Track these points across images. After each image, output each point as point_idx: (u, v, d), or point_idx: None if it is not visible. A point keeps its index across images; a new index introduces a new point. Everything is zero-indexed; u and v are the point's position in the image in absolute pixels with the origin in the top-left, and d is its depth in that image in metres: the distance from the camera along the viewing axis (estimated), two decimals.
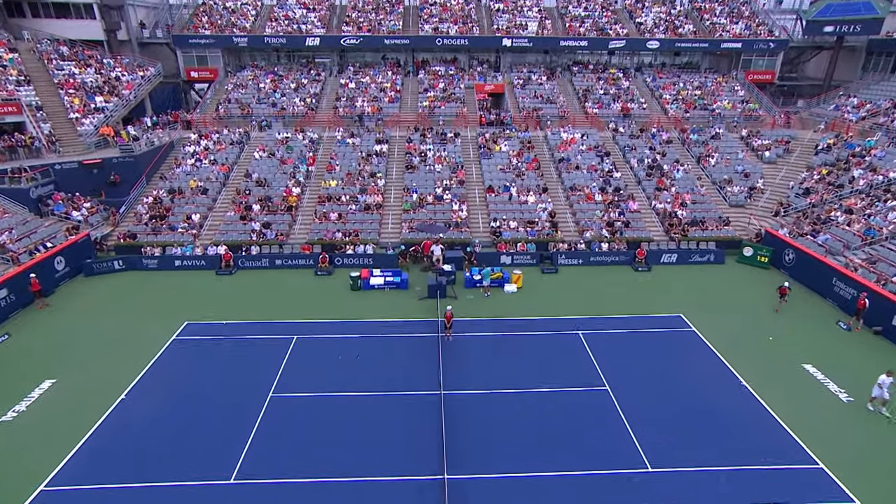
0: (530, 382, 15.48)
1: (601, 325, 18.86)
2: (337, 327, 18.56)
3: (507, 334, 18.10)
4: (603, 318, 19.38)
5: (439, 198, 28.13)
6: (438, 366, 15.97)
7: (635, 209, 28.02)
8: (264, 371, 16.11)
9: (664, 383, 15.85)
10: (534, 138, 33.83)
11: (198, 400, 14.97)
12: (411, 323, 18.91)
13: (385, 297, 21.07)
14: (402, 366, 16.24)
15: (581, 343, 17.71)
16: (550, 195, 28.89)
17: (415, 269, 23.89)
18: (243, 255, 24.23)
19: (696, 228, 26.86)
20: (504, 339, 17.79)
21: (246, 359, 16.73)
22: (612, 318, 19.37)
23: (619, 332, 18.51)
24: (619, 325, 18.93)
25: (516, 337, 17.96)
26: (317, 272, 23.52)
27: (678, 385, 15.80)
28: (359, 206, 27.45)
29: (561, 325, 18.75)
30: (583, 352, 17.20)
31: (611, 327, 18.75)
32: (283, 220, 26.72)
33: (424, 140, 32.92)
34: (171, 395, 15.20)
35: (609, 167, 30.95)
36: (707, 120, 36.65)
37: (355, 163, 30.62)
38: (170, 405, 14.72)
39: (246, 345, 17.54)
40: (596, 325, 18.86)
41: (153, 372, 16.30)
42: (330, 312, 19.64)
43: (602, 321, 19.13)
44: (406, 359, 16.57)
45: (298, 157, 31.00)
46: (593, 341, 17.76)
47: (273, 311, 19.75)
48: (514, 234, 25.95)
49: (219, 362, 16.61)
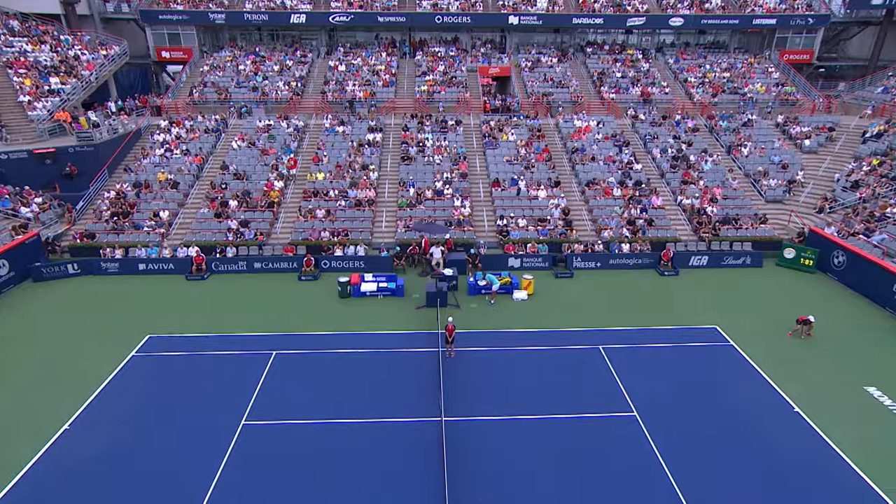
0: (545, 407, 14.91)
1: (625, 338, 18.34)
2: (322, 341, 18.10)
3: (516, 349, 17.64)
4: (626, 330, 18.89)
5: (439, 193, 27.93)
6: (439, 387, 15.42)
7: (659, 205, 27.72)
8: (237, 393, 15.48)
9: (702, 408, 15.13)
10: (544, 126, 33.69)
11: (156, 430, 14.24)
12: (407, 336, 18.47)
13: (378, 306, 20.70)
14: (397, 387, 15.72)
15: (602, 359, 17.18)
16: (563, 190, 28.62)
17: (412, 274, 23.57)
18: (217, 258, 23.87)
19: (728, 227, 26.37)
20: (513, 356, 17.33)
21: (216, 379, 16.16)
22: (636, 331, 18.86)
23: (646, 346, 17.97)
24: (645, 338, 18.39)
25: (527, 352, 17.47)
26: (301, 277, 23.14)
27: (719, 411, 15.08)
28: (349, 202, 27.20)
29: (578, 339, 18.26)
30: (605, 370, 16.66)
31: (636, 341, 18.20)
32: (264, 217, 26.44)
33: (422, 128, 32.78)
34: (124, 424, 14.43)
35: (629, 158, 30.68)
36: (737, 105, 36.34)
37: (345, 153, 30.44)
38: (123, 437, 13.95)
39: (217, 362, 17.02)
40: (619, 338, 18.33)
41: (105, 397, 15.54)
42: (315, 323, 19.22)
43: (625, 334, 18.62)
44: (401, 378, 16.07)
45: (282, 148, 30.80)
46: (616, 357, 17.21)
47: (250, 322, 19.34)
48: (523, 234, 25.72)
49: (184, 383, 16.00)
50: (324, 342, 18.01)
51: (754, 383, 16.37)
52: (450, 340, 16.80)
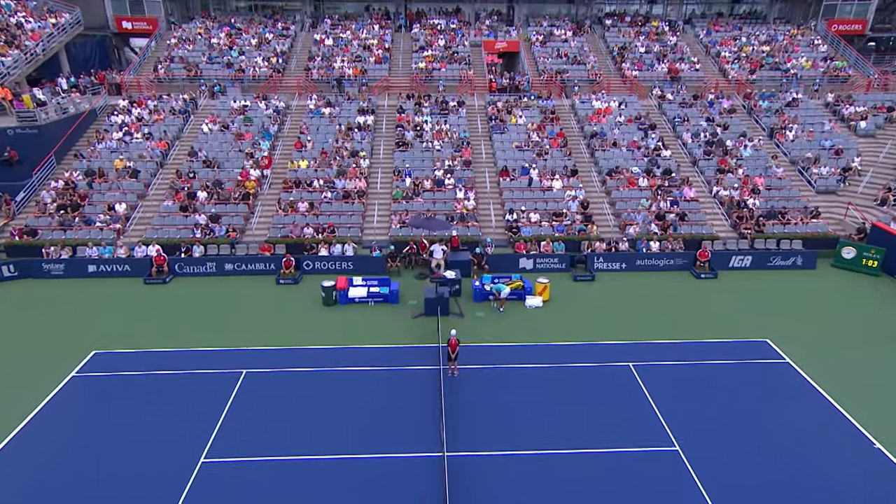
0: (567, 440, 13.89)
1: (659, 353, 17.56)
2: (302, 357, 17.33)
3: (531, 367, 16.79)
4: (660, 344, 18.10)
5: (439, 183, 27.57)
6: (440, 413, 14.44)
7: (692, 197, 27.22)
8: (197, 423, 14.39)
9: (759, 442, 13.95)
10: (558, 108, 33.56)
11: (94, 471, 12.98)
12: (402, 351, 17.71)
13: (368, 315, 20.06)
14: (391, 414, 14.75)
15: (634, 379, 16.27)
16: (581, 179, 28.34)
17: (408, 277, 23.13)
18: (182, 258, 23.34)
19: (774, 222, 25.72)
20: (527, 375, 16.41)
21: (172, 405, 15.11)
22: (672, 345, 18.07)
23: (685, 364, 17.08)
24: (683, 353, 17.58)
25: (544, 371, 16.59)
26: (279, 281, 22.67)
27: (780, 446, 13.87)
28: (335, 193, 26.89)
29: (604, 354, 17.50)
30: (637, 393, 15.70)
31: (672, 357, 17.39)
32: (237, 211, 26.04)
33: (420, 110, 32.62)
34: (54, 465, 13.21)
35: (655, 144, 30.31)
36: (779, 83, 35.98)
37: (332, 139, 30.23)
38: (50, 482, 12.71)
39: (174, 384, 16.03)
40: (651, 353, 17.56)
41: (32, 430, 14.33)
42: (294, 336, 18.53)
43: (659, 348, 17.81)
44: (396, 403, 15.15)
45: (259, 132, 30.58)
46: (650, 377, 16.31)
47: (217, 334, 18.60)
48: (535, 231, 25.22)
49: (132, 411, 14.90)
50: (304, 359, 17.29)
51: (820, 410, 15.24)
52: (452, 357, 16.09)
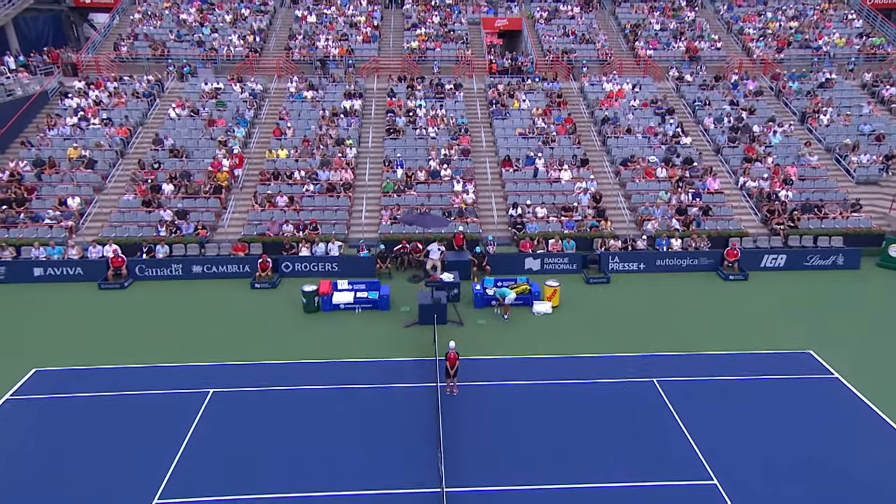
0: (584, 470, 12.97)
1: (685, 367, 16.78)
2: (279, 373, 16.46)
3: (541, 384, 16.02)
4: (688, 356, 17.35)
5: (435, 174, 27.29)
6: (437, 440, 13.56)
7: (717, 189, 26.98)
8: (152, 454, 13.37)
9: (809, 474, 12.95)
10: (565, 91, 33.62)
11: None
12: (394, 365, 16.94)
13: (355, 324, 19.46)
14: (381, 440, 13.87)
15: (660, 398, 15.41)
16: (593, 170, 28.20)
17: (400, 280, 22.51)
18: (143, 260, 22.59)
19: (809, 217, 25.23)
20: (537, 393, 15.63)
21: (125, 432, 14.08)
22: (700, 357, 17.31)
23: (716, 379, 16.23)
24: (713, 367, 16.78)
25: (556, 388, 15.81)
26: (254, 285, 22.00)
27: (836, 477, 12.85)
28: (319, 186, 26.53)
29: (624, 368, 16.70)
30: (664, 413, 14.83)
31: (701, 371, 16.57)
32: (208, 206, 25.57)
33: (413, 94, 32.61)
34: None
35: (674, 130, 30.26)
36: (810, 62, 35.80)
37: (315, 125, 30.11)
38: None
39: (128, 407, 15.01)
40: (677, 367, 16.78)
41: None
42: (270, 348, 17.79)
43: (686, 361, 17.06)
44: (386, 427, 14.29)
45: (233, 118, 30.35)
46: (678, 395, 15.47)
47: (181, 347, 17.81)
48: (542, 227, 24.86)
49: (76, 440, 13.85)
50: (281, 375, 16.39)
51: (879, 434, 14.23)
52: (451, 373, 15.28)
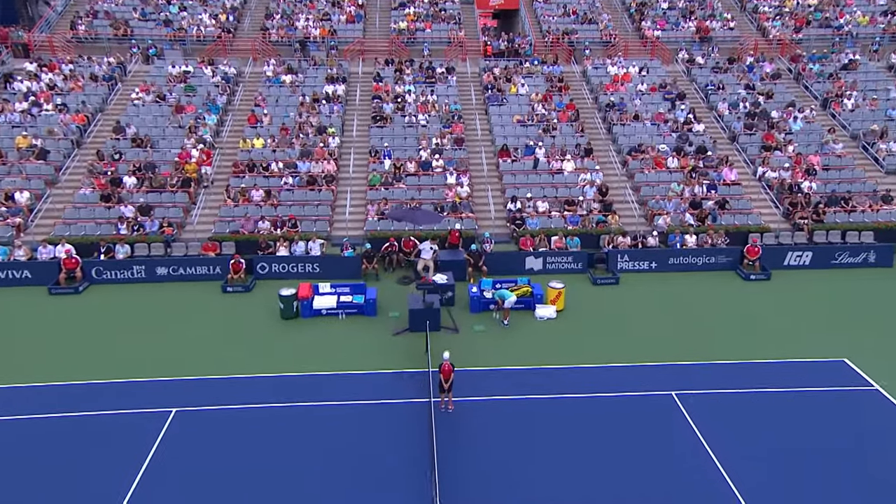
0: (595, 497, 12.38)
1: (706, 377, 16.30)
2: (252, 388, 15.88)
3: (545, 399, 15.49)
4: (706, 365, 16.91)
5: (426, 165, 27.08)
6: (430, 462, 12.98)
7: (733, 180, 26.76)
8: (102, 485, 12.67)
9: (850, 497, 12.36)
10: (567, 75, 33.46)
11: None
12: (382, 378, 16.42)
13: (338, 331, 19.02)
14: (366, 464, 13.31)
15: (679, 413, 14.83)
16: (598, 160, 27.93)
17: (388, 282, 22.06)
18: (101, 261, 22.02)
19: (836, 210, 25.01)
20: (541, 409, 15.12)
21: (71, 460, 13.37)
22: (722, 367, 16.83)
23: (742, 392, 15.67)
24: (737, 378, 16.27)
25: (562, 403, 15.29)
26: (226, 288, 21.47)
27: None
28: (298, 179, 26.19)
29: (637, 379, 16.23)
30: (685, 431, 14.24)
31: (723, 382, 16.05)
32: (175, 201, 25.18)
33: (401, 78, 32.43)
34: None
35: (686, 116, 30.03)
36: (831, 42, 35.48)
37: (294, 112, 29.91)
38: None
39: (78, 429, 14.32)
40: (697, 377, 16.31)
41: None
42: (242, 360, 17.20)
43: (706, 371, 16.59)
44: (373, 449, 13.75)
45: (204, 104, 29.95)
46: (699, 409, 14.88)
47: (141, 359, 17.15)
48: (544, 223, 24.54)
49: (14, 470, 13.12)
50: (254, 391, 15.79)
51: None
52: (446, 387, 14.74)
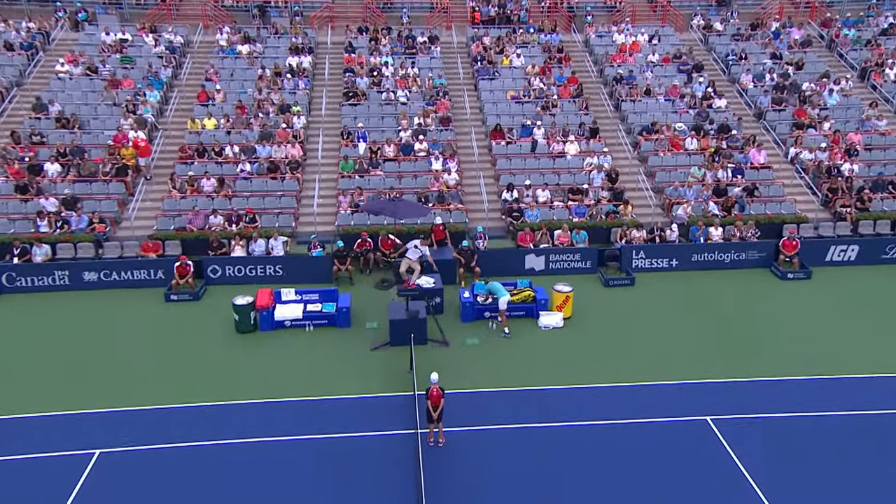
0: None
1: (747, 398, 15.59)
2: (198, 421, 15.11)
3: (554, 427, 14.83)
4: (745, 383, 16.20)
5: (407, 149, 26.73)
6: None
7: (762, 163, 26.30)
8: None
9: None
10: (567, 44, 33.34)
11: None
12: (357, 405, 15.70)
13: (305, 347, 18.25)
14: None
15: (717, 444, 14.07)
16: (606, 141, 27.59)
17: (364, 286, 21.47)
18: (14, 265, 21.65)
19: (883, 196, 24.78)
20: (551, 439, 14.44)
21: None
22: (764, 385, 16.13)
23: (792, 416, 14.94)
24: (783, 398, 15.63)
25: (575, 433, 14.64)
26: (169, 296, 20.81)
27: None
28: (257, 166, 25.72)
29: (664, 402, 15.59)
30: (725, 465, 13.47)
31: (768, 404, 15.37)
32: (109, 192, 24.53)
33: (377, 49, 32.39)
34: None
35: (704, 90, 29.68)
36: (867, 5, 35.97)
37: (252, 88, 29.46)
38: None
39: None
40: (738, 399, 15.58)
41: None
42: (187, 386, 16.37)
43: (746, 391, 15.89)
44: (348, 491, 13.20)
45: (145, 78, 29.47)
46: (742, 438, 14.15)
47: (60, 388, 16.34)
48: (546, 215, 24.16)
49: None
50: (200, 424, 14.93)
51: None
52: (435, 415, 14.07)
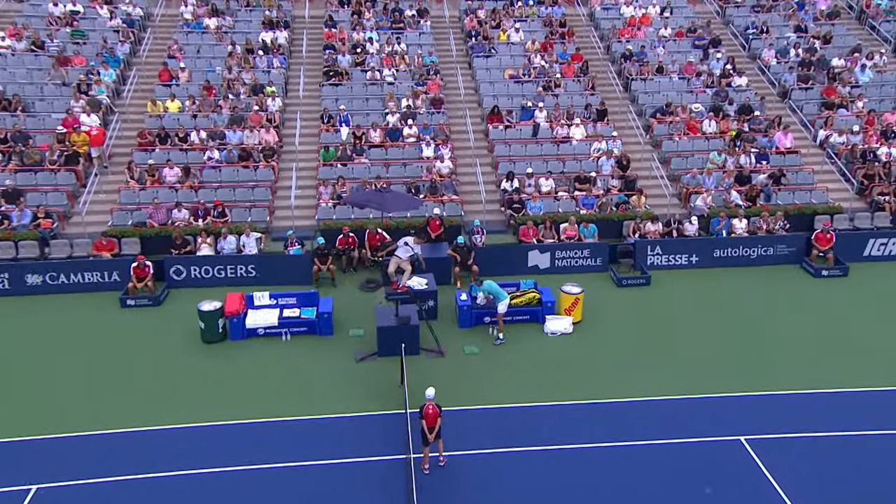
0: None
1: (787, 415, 15.24)
2: (156, 448, 14.53)
3: (568, 450, 14.40)
4: (784, 397, 15.87)
5: (394, 134, 26.45)
6: None
7: (789, 147, 25.90)
8: None
9: None
10: (570, 18, 33.13)
11: None
12: (341, 426, 15.26)
13: (281, 359, 17.82)
14: None
15: (755, 469, 13.62)
16: (615, 124, 27.23)
17: (347, 287, 21.25)
18: None
19: None
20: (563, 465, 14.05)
21: None
22: (805, 399, 15.82)
23: (839, 435, 14.55)
24: (828, 414, 15.28)
25: (591, 456, 14.22)
26: (126, 301, 20.32)
27: None
28: (226, 153, 25.38)
29: (691, 420, 15.28)
30: (767, 496, 12.99)
31: (810, 421, 14.95)
32: (57, 184, 24.24)
33: (360, 23, 31.90)
34: None
35: (722, 67, 29.38)
36: None
37: (221, 66, 29.13)
38: None
39: None
40: (775, 415, 15.23)
41: None
42: (144, 407, 15.83)
43: (785, 406, 15.58)
44: None
45: (98, 55, 28.87)
46: (784, 463, 13.67)
47: None
48: (550, 206, 23.90)
49: None
50: (159, 451, 14.33)
51: None
52: (431, 437, 13.72)
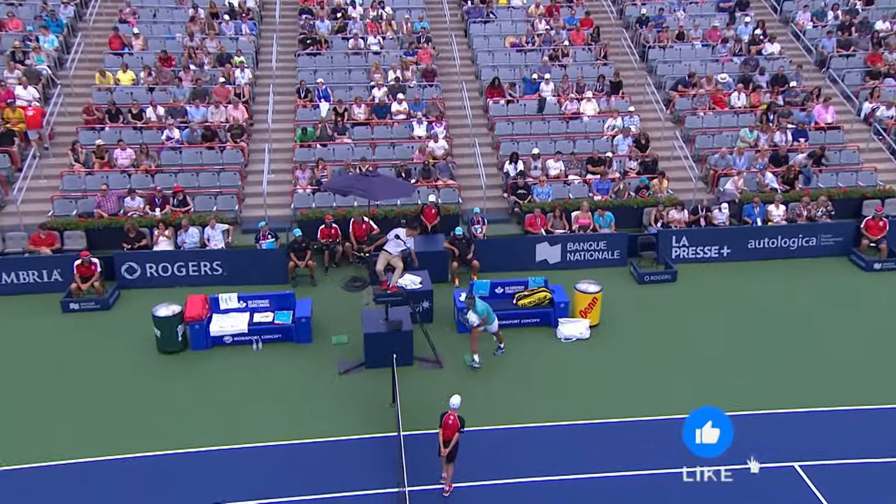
0: None
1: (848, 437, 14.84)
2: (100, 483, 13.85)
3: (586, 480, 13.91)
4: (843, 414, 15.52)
5: (382, 111, 26.30)
6: None
7: (830, 123, 25.64)
8: None
9: None
10: None
11: None
12: (320, 452, 14.71)
13: (252, 373, 17.31)
14: None
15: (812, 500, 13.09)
16: (632, 99, 27.00)
17: (330, 287, 20.76)
18: None
19: None
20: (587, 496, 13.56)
21: None
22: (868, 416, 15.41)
23: None
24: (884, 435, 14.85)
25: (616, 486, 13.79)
26: (69, 304, 19.75)
27: None
28: (188, 133, 25.10)
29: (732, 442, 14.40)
30: None
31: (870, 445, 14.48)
32: None
33: None
34: None
35: (751, 32, 29.41)
36: None
37: (181, 33, 28.67)
38: None
39: None
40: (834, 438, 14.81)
41: None
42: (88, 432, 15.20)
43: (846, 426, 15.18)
44: None
45: (38, 17, 28.68)
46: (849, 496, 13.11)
47: None
48: (559, 192, 23.54)
49: None
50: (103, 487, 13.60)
51: None
52: (444, 451, 13.38)
